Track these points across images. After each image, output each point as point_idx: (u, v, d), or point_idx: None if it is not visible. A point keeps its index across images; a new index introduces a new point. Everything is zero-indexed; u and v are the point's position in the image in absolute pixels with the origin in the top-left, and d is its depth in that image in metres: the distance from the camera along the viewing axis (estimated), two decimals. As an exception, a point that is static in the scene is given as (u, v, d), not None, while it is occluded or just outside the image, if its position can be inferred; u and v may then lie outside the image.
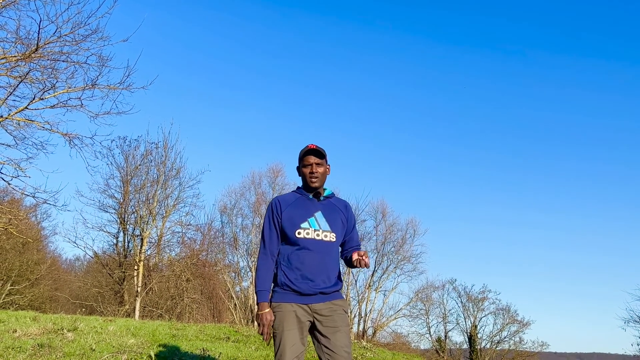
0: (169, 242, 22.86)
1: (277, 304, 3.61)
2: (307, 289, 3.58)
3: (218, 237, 26.53)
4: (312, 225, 3.68)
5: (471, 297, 37.71)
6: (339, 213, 3.82)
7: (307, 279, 3.59)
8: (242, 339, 10.36)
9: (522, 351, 37.79)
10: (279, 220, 3.72)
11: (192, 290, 22.05)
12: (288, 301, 3.59)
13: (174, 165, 22.63)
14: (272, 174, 28.96)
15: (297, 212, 3.72)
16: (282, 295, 3.62)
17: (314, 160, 3.73)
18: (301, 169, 3.80)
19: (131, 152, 22.22)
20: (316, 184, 3.74)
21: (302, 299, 3.59)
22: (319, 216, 3.73)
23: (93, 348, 7.06)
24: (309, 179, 3.74)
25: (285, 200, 3.79)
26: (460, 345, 38.86)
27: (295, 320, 3.56)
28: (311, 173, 3.72)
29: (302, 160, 3.78)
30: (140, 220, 21.61)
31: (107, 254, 23.63)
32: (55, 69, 11.33)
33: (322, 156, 3.76)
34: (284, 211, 3.72)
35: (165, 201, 22.43)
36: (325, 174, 3.80)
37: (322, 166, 3.76)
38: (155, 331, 9.58)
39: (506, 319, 37.55)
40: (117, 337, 8.24)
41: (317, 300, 3.62)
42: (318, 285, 3.60)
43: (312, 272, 3.60)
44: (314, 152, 3.74)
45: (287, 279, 3.60)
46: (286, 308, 3.58)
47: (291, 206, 3.74)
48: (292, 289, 3.59)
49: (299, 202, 3.77)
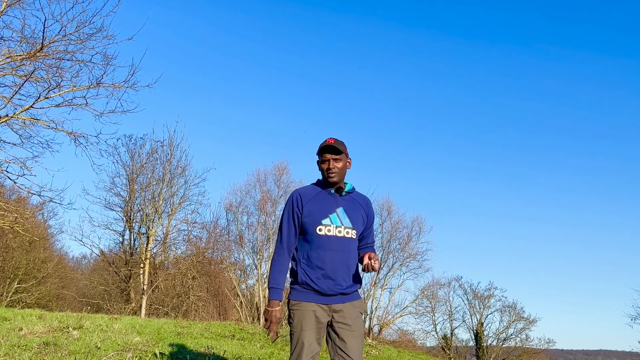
0: (174, 240, 22.94)
1: (297, 302, 3.54)
2: (328, 289, 3.51)
3: (224, 235, 26.60)
4: (334, 222, 3.60)
5: (477, 295, 37.67)
6: (360, 209, 3.74)
7: (328, 278, 3.52)
8: (248, 337, 10.36)
9: (528, 348, 37.73)
10: (299, 215, 3.63)
11: (198, 288, 22.11)
12: (308, 300, 3.52)
13: (179, 163, 22.70)
14: (278, 172, 28.97)
15: (319, 207, 3.62)
16: (302, 294, 3.54)
17: (331, 156, 3.63)
18: (320, 164, 3.70)
19: (137, 151, 22.31)
20: (335, 179, 3.64)
21: (323, 298, 3.52)
22: (340, 212, 3.65)
23: (98, 346, 7.08)
24: (326, 175, 3.65)
25: (307, 193, 3.69)
26: (466, 343, 38.87)
27: (314, 321, 3.49)
28: (328, 169, 3.63)
29: (319, 155, 3.69)
30: (146, 218, 21.68)
31: (114, 252, 23.73)
32: (60, 67, 11.37)
33: (339, 152, 3.64)
34: (305, 205, 3.62)
35: (171, 199, 22.50)
36: (345, 168, 3.70)
37: (340, 161, 3.65)
38: (161, 329, 9.60)
39: (512, 316, 37.51)
40: (122, 335, 8.26)
41: (338, 300, 3.55)
42: (339, 284, 3.53)
43: (333, 270, 3.53)
44: (331, 148, 3.63)
45: (307, 277, 3.53)
46: (306, 307, 3.50)
47: (312, 200, 3.65)
48: (313, 289, 3.52)
49: (320, 197, 3.68)
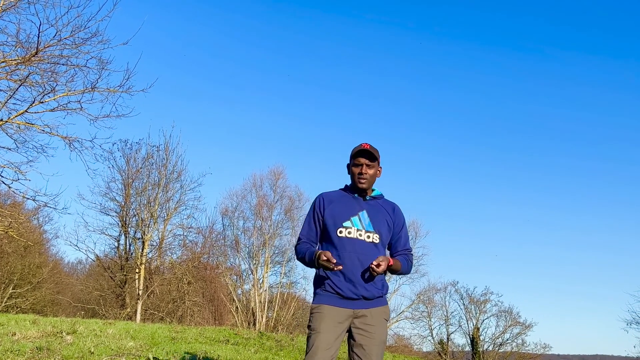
0: (170, 245, 22.95)
1: (318, 305, 3.47)
2: (349, 292, 3.44)
3: (219, 240, 26.58)
4: (355, 225, 3.53)
5: (473, 299, 37.65)
6: (384, 214, 3.65)
7: (348, 281, 3.45)
8: (242, 342, 10.35)
9: (524, 353, 37.69)
10: (320, 218, 3.61)
11: (193, 293, 22.08)
12: (329, 304, 3.45)
13: (175, 168, 22.74)
14: (274, 177, 28.99)
15: (340, 209, 3.58)
16: (323, 297, 3.48)
17: (365, 161, 3.57)
18: (351, 168, 3.64)
19: (132, 155, 22.31)
20: (364, 186, 3.59)
21: (345, 302, 3.45)
22: (362, 215, 3.58)
23: (92, 351, 7.06)
24: (357, 180, 3.59)
25: (330, 197, 3.66)
26: (462, 348, 38.82)
27: (333, 323, 3.40)
28: (360, 174, 3.57)
29: (353, 158, 3.62)
30: (142, 223, 21.66)
31: (109, 257, 23.67)
32: (55, 72, 11.37)
33: (374, 158, 3.59)
34: (327, 208, 3.59)
35: (166, 204, 22.51)
36: (375, 176, 3.64)
37: (372, 168, 3.59)
38: (155, 334, 9.59)
39: (509, 321, 37.47)
40: (116, 340, 8.25)
41: (360, 305, 3.47)
42: (359, 287, 3.45)
43: (353, 273, 3.45)
44: (366, 153, 3.57)
45: (330, 280, 3.46)
46: (325, 310, 3.43)
47: (335, 203, 3.61)
48: (335, 291, 3.45)
49: (344, 200, 3.63)
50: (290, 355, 9.50)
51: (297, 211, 28.96)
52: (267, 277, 27.73)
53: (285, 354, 9.63)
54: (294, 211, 28.81)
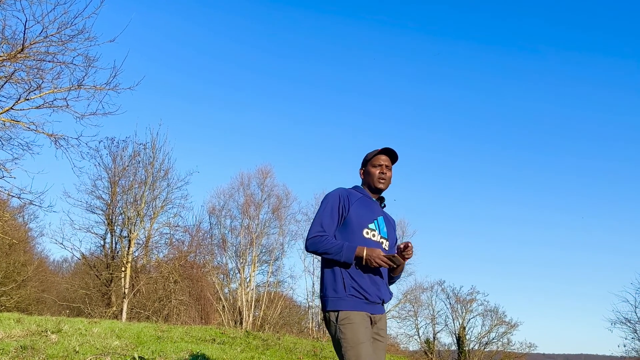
0: (156, 244, 22.85)
1: (347, 313, 3.26)
2: (374, 296, 3.35)
3: (206, 239, 26.52)
4: (377, 228, 3.48)
5: (459, 299, 37.82)
6: (391, 226, 3.65)
7: (375, 284, 3.37)
8: (228, 341, 10.34)
9: (510, 352, 37.94)
10: (344, 213, 3.44)
11: (179, 292, 22.00)
12: (359, 310, 3.29)
13: (162, 166, 22.64)
14: (262, 175, 28.95)
15: (364, 210, 3.48)
16: (351, 303, 3.30)
17: (386, 161, 3.56)
18: (369, 169, 3.58)
19: (119, 153, 22.20)
20: (383, 187, 3.56)
21: (370, 307, 3.34)
22: (380, 221, 3.54)
23: (76, 350, 7.03)
24: (377, 179, 3.54)
25: (353, 195, 3.53)
26: (448, 347, 39.00)
27: (368, 331, 3.26)
28: (381, 173, 3.53)
29: (372, 159, 3.58)
30: (128, 221, 21.56)
31: (95, 255, 23.54)
32: (41, 69, 11.30)
33: (396, 159, 3.59)
34: (352, 205, 3.46)
35: (153, 202, 22.42)
36: (391, 179, 3.61)
37: (390, 170, 3.58)
38: (140, 333, 9.56)
39: (494, 320, 37.70)
40: (101, 339, 8.21)
41: (378, 310, 3.41)
42: (382, 291, 3.42)
43: (378, 277, 3.40)
44: (389, 152, 3.56)
45: (355, 283, 3.32)
46: (357, 318, 3.25)
47: (358, 202, 3.50)
48: (362, 295, 3.31)
49: (365, 202, 3.54)
50: (276, 355, 9.50)
51: (284, 210, 28.99)
52: (254, 276, 27.74)
53: (271, 353, 9.63)
54: (282, 210, 28.83)
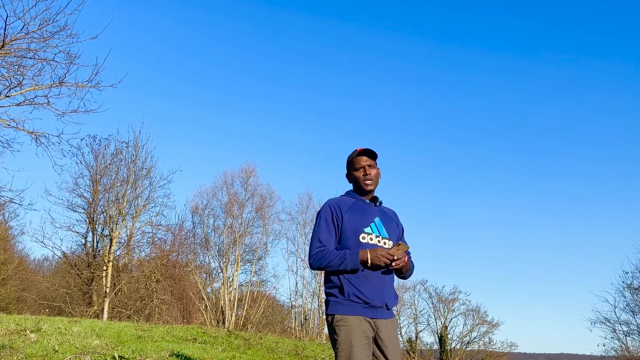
0: (138, 243, 22.70)
1: (343, 317, 3.28)
2: (376, 301, 3.33)
3: (189, 238, 26.39)
4: (374, 231, 3.45)
5: (442, 298, 38.06)
6: (392, 220, 3.63)
7: (377, 288, 3.34)
8: (210, 340, 10.32)
9: (491, 352, 38.26)
10: (339, 223, 3.43)
11: (161, 291, 21.88)
12: (355, 314, 3.28)
13: (144, 164, 22.49)
14: (245, 174, 28.86)
15: (358, 216, 3.46)
16: (348, 307, 3.30)
17: (366, 162, 3.52)
18: (352, 173, 3.57)
19: (101, 151, 22.02)
20: (371, 187, 3.53)
21: (370, 311, 3.32)
22: (377, 222, 3.51)
23: (56, 349, 6.98)
24: (363, 182, 3.51)
25: (344, 202, 3.52)
26: (430, 346, 39.23)
27: (363, 336, 3.24)
28: (365, 175, 3.51)
29: (352, 163, 3.56)
30: (110, 220, 21.40)
31: (76, 254, 23.31)
32: (22, 65, 11.20)
33: (374, 156, 3.56)
34: (345, 214, 3.44)
35: (135, 201, 22.27)
36: (378, 177, 3.59)
37: (374, 168, 3.55)
38: (121, 332, 9.51)
39: (476, 320, 38.00)
40: (81, 338, 8.16)
41: (382, 315, 3.37)
42: (385, 296, 3.38)
43: (379, 280, 3.37)
44: (366, 152, 3.53)
45: (355, 288, 3.31)
46: (353, 322, 3.26)
47: (351, 209, 3.48)
48: (362, 300, 3.30)
49: (358, 206, 3.52)
50: (258, 354, 9.50)
51: (268, 209, 28.93)
52: (237, 276, 27.65)
53: (253, 352, 9.63)
54: (265, 209, 28.77)
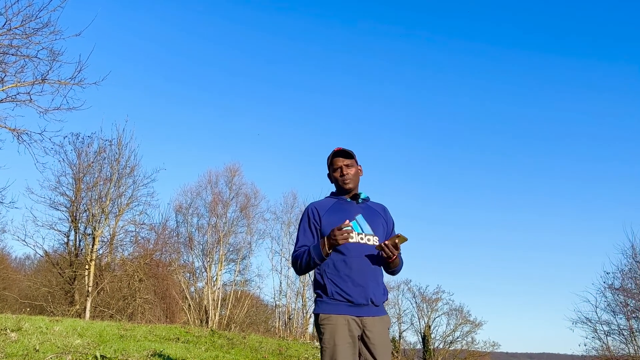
0: (121, 242, 22.51)
1: (327, 316, 3.33)
2: (359, 298, 3.35)
3: (173, 237, 26.24)
4: (355, 229, 3.48)
5: (425, 298, 38.24)
6: (378, 216, 3.64)
7: (358, 286, 3.37)
8: (193, 340, 10.29)
9: (474, 351, 38.52)
10: (317, 227, 3.51)
11: (144, 291, 21.75)
12: (340, 313, 3.33)
13: (128, 163, 22.33)
14: (230, 173, 28.77)
15: (337, 216, 3.50)
16: (332, 306, 3.35)
17: (342, 162, 3.59)
18: (331, 174, 3.66)
19: (84, 149, 21.79)
20: (350, 186, 3.58)
21: (355, 309, 3.35)
22: (360, 219, 3.54)
23: (37, 349, 6.92)
24: (341, 182, 3.58)
25: (322, 205, 3.59)
26: (414, 346, 39.41)
27: (347, 335, 3.28)
28: (342, 175, 3.58)
29: (331, 164, 3.64)
30: (93, 218, 21.22)
31: (58, 252, 23.09)
32: (4, 62, 11.10)
33: (350, 156, 3.61)
34: (323, 216, 3.52)
35: (118, 199, 22.10)
36: (358, 175, 3.66)
37: (352, 167, 3.61)
38: (103, 331, 9.45)
39: (459, 320, 38.23)
40: (62, 338, 8.09)
41: (368, 312, 3.39)
42: (369, 292, 3.39)
43: (362, 277, 3.39)
44: (341, 153, 3.61)
45: (337, 287, 3.36)
46: (338, 321, 3.31)
47: (330, 211, 3.55)
48: (345, 299, 3.35)
49: (338, 206, 3.58)
50: (241, 354, 9.49)
51: (252, 209, 28.86)
52: (221, 275, 27.56)
53: (236, 352, 9.62)
54: (250, 209, 28.70)
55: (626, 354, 18.11)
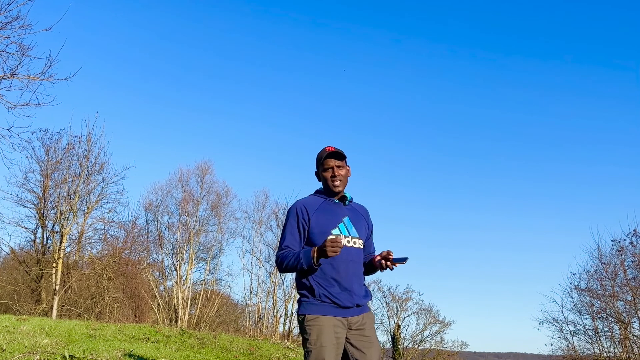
0: (90, 240, 22.22)
1: (314, 317, 3.33)
2: (346, 301, 3.38)
3: (142, 235, 25.96)
4: (342, 232, 3.48)
5: (395, 297, 38.50)
6: (362, 218, 3.67)
7: (345, 290, 3.39)
8: (163, 340, 10.22)
9: (442, 351, 38.96)
10: (305, 226, 3.47)
11: (113, 289, 21.50)
12: (326, 314, 3.33)
13: (97, 160, 22.00)
14: (201, 172, 28.58)
15: (326, 217, 3.49)
16: (319, 307, 3.35)
17: (335, 163, 3.53)
18: (321, 173, 3.59)
19: (52, 145, 21.41)
20: (339, 188, 3.55)
21: (341, 311, 3.37)
22: (347, 222, 3.54)
23: (4, 348, 6.81)
24: (331, 183, 3.53)
25: (310, 204, 3.55)
26: (383, 345, 39.61)
27: (333, 336, 3.29)
28: (333, 177, 3.52)
29: (321, 164, 3.57)
30: (61, 216, 20.91)
31: (25, 250, 22.69)
32: (-29, 56, 10.85)
33: (342, 157, 3.57)
34: (312, 216, 3.48)
35: (87, 197, 21.79)
36: (347, 176, 3.61)
37: (343, 168, 3.57)
38: (72, 331, 9.33)
39: (428, 319, 38.59)
40: (30, 337, 7.98)
41: (353, 313, 3.42)
42: (355, 295, 3.43)
43: (349, 281, 3.42)
44: (334, 154, 3.55)
45: (325, 290, 3.36)
46: (324, 322, 3.31)
47: (318, 211, 3.51)
48: (332, 301, 3.36)
49: (326, 207, 3.55)
50: (212, 353, 9.46)
51: (224, 207, 28.73)
52: (191, 274, 27.40)
53: (207, 351, 9.59)
54: (221, 207, 28.57)
55: (591, 353, 18.46)
